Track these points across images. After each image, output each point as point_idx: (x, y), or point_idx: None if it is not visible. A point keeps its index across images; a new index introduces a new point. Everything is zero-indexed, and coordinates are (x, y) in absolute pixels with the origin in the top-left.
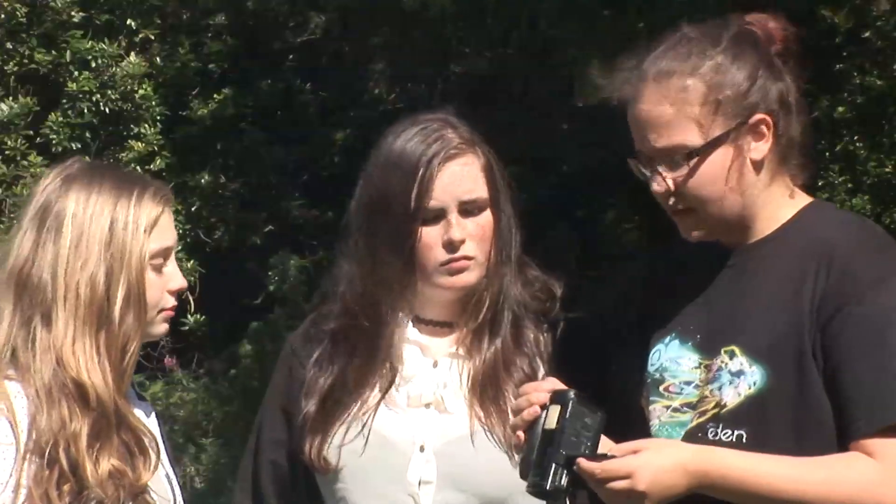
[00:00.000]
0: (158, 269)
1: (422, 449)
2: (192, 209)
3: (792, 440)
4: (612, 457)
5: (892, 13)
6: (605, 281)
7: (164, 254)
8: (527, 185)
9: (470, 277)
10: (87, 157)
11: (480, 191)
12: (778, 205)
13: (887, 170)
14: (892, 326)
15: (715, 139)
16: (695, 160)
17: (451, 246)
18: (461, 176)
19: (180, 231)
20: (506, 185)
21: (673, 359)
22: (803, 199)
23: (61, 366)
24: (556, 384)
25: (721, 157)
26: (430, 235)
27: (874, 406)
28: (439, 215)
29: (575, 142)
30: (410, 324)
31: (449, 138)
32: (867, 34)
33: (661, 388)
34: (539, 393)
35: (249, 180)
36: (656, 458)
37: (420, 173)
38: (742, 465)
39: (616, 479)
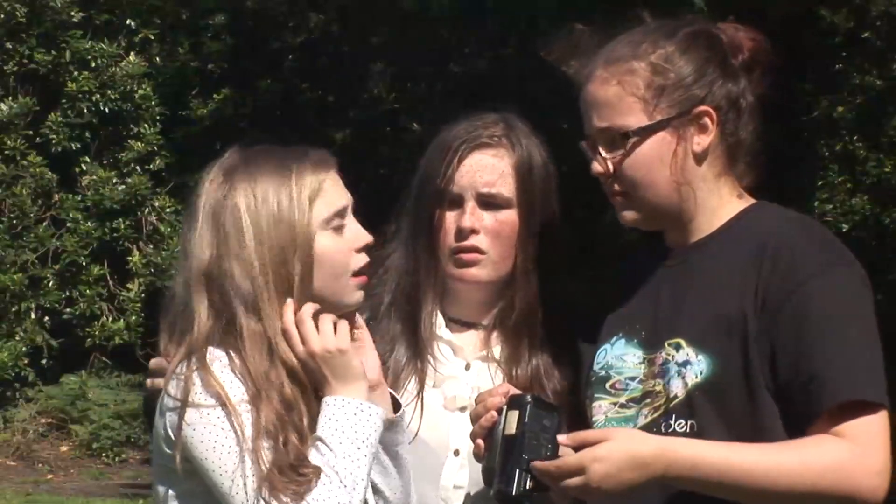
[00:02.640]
0: (339, 231)
1: (456, 453)
2: None
3: (739, 427)
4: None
5: (891, 14)
6: (605, 281)
7: (340, 214)
8: None
9: (479, 273)
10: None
11: (503, 187)
12: (723, 203)
13: (887, 170)
14: (841, 312)
15: (654, 124)
16: (632, 142)
17: (460, 233)
18: (484, 166)
19: (179, 230)
20: (550, 197)
21: (618, 356)
22: (749, 200)
23: (275, 352)
24: (510, 388)
25: (659, 144)
26: (447, 221)
27: (827, 387)
28: (458, 202)
29: (575, 142)
30: (442, 321)
31: (484, 128)
32: (867, 34)
33: (607, 386)
34: (494, 398)
35: None
36: (613, 454)
37: (447, 158)
38: (709, 457)
39: (570, 476)
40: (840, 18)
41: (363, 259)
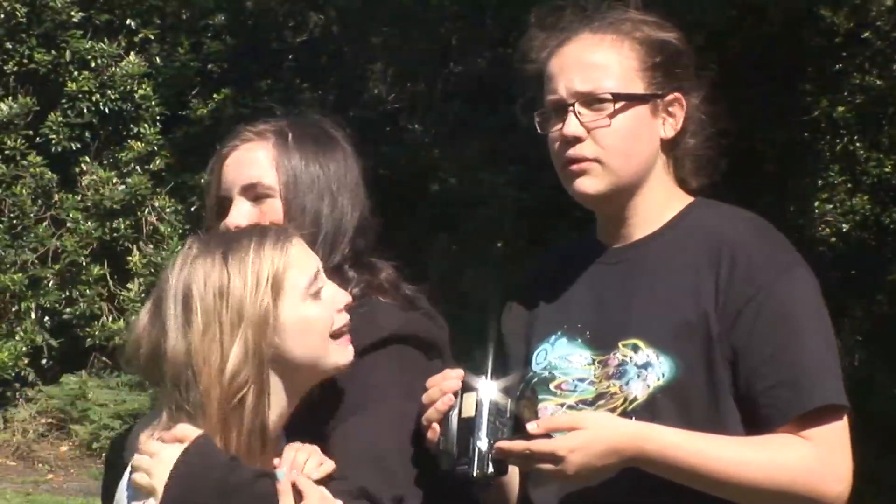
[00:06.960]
0: (317, 295)
1: None
2: (192, 209)
3: (701, 429)
4: (546, 435)
5: (892, 13)
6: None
7: (315, 278)
8: (527, 185)
9: None
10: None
11: (263, 175)
12: (668, 198)
13: (887, 170)
14: (804, 315)
15: (643, 94)
16: (619, 105)
17: None
18: (240, 161)
19: (179, 230)
20: (327, 196)
21: (563, 356)
22: (689, 198)
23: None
24: (463, 372)
25: (640, 116)
26: (221, 227)
27: (795, 392)
28: (229, 205)
29: None
30: None
31: (253, 125)
32: (867, 34)
33: (551, 387)
34: (450, 381)
35: None
36: (590, 446)
37: (214, 163)
38: (681, 444)
39: (543, 461)
40: (840, 18)
41: (344, 317)
